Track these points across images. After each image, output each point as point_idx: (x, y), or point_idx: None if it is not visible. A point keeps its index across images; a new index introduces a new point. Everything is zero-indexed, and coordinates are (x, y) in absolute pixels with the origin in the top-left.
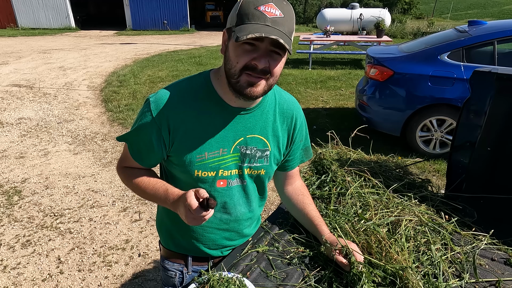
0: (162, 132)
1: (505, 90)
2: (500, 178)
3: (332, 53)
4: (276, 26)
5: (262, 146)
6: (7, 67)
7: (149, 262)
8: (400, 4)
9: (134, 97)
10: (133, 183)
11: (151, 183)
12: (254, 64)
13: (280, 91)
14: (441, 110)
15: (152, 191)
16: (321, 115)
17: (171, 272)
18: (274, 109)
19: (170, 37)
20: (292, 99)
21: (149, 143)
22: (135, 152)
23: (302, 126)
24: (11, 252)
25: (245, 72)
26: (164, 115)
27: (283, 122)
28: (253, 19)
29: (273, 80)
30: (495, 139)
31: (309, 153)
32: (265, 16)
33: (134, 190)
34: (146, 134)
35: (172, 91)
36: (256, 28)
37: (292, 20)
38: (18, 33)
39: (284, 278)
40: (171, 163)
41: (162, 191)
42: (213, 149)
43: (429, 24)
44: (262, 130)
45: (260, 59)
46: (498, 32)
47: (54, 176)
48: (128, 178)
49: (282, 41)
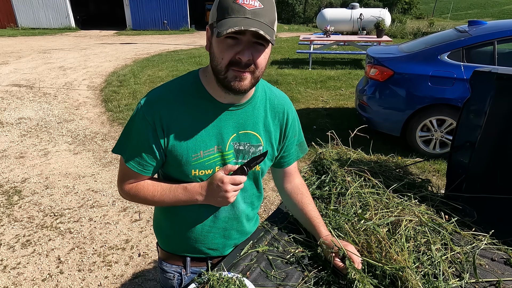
0: (158, 132)
1: (505, 90)
2: (500, 178)
3: (332, 53)
4: (256, 18)
5: (255, 142)
6: (7, 67)
7: (149, 262)
8: (400, 4)
9: (134, 97)
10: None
11: (166, 188)
12: (238, 59)
13: (270, 87)
14: (441, 110)
15: (172, 194)
16: (321, 115)
17: (170, 274)
18: (264, 105)
19: (170, 37)
20: (282, 94)
21: (147, 147)
22: (136, 163)
23: (294, 121)
24: (11, 252)
25: (231, 67)
26: (157, 115)
27: (274, 117)
28: (232, 12)
29: (258, 72)
30: (495, 139)
31: (304, 148)
32: (244, 8)
33: (148, 203)
34: (142, 139)
35: (162, 91)
36: (236, 22)
37: (273, 9)
38: (18, 33)
39: (284, 278)
40: (167, 164)
41: (181, 190)
42: (207, 147)
43: (429, 24)
44: (254, 125)
45: (243, 52)
46: (498, 32)
47: (54, 176)
48: (136, 196)
49: (262, 32)
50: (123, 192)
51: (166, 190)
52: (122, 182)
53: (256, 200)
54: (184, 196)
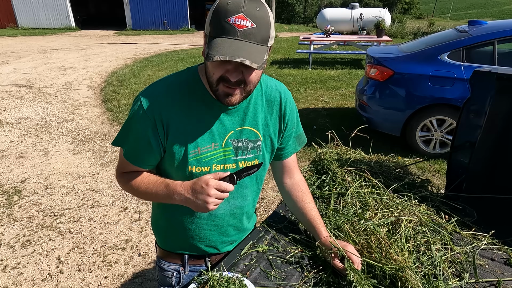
0: (157, 126)
1: (505, 90)
2: (500, 178)
3: (332, 53)
4: (246, 39)
5: (253, 137)
6: (7, 67)
7: (149, 262)
8: (400, 4)
9: (134, 97)
10: (133, 188)
11: (151, 182)
12: (227, 77)
13: (267, 80)
14: (441, 110)
15: (154, 189)
16: (321, 115)
17: (168, 272)
18: (261, 99)
19: (170, 37)
20: (279, 85)
21: (146, 142)
22: (133, 155)
23: (292, 113)
24: (11, 252)
25: (222, 82)
26: (157, 110)
27: (272, 110)
28: (223, 33)
29: (250, 87)
30: (495, 139)
31: (302, 140)
32: (235, 29)
33: (135, 194)
34: (141, 133)
35: (161, 87)
36: (224, 48)
37: (267, 25)
38: (18, 32)
39: (284, 278)
40: (164, 160)
41: (163, 187)
42: (205, 143)
43: (429, 24)
44: (251, 121)
45: (232, 73)
46: (498, 32)
47: (54, 176)
48: (126, 184)
49: (248, 62)
50: (118, 180)
51: (150, 184)
52: (119, 169)
53: (254, 197)
54: (163, 192)
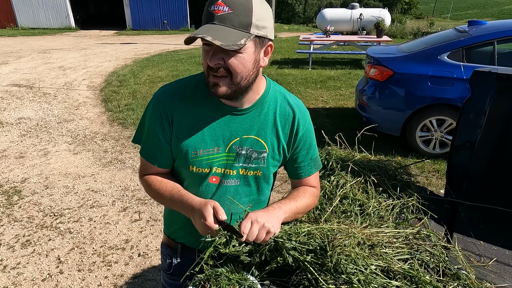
0: (165, 125)
1: (505, 90)
2: (500, 178)
3: (332, 53)
4: (222, 23)
5: (258, 148)
6: (7, 67)
7: (149, 262)
8: (400, 4)
9: (134, 97)
10: (153, 191)
11: (168, 189)
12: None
13: (286, 95)
14: (441, 110)
15: (168, 197)
16: (321, 115)
17: (164, 256)
18: (274, 111)
19: (170, 37)
20: (298, 104)
21: (157, 138)
22: (147, 152)
23: (307, 132)
24: (11, 252)
25: (211, 73)
26: (164, 107)
27: (284, 125)
28: (205, 20)
29: (237, 78)
30: (495, 139)
31: (318, 164)
32: (213, 15)
33: (155, 198)
34: (152, 130)
35: (173, 86)
36: (199, 30)
37: (246, 10)
38: (18, 32)
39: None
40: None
41: (177, 197)
42: (208, 146)
43: (429, 24)
44: (259, 131)
45: (211, 58)
46: (498, 32)
47: (54, 176)
48: (149, 188)
49: (209, 38)
50: (141, 182)
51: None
52: (141, 171)
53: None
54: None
